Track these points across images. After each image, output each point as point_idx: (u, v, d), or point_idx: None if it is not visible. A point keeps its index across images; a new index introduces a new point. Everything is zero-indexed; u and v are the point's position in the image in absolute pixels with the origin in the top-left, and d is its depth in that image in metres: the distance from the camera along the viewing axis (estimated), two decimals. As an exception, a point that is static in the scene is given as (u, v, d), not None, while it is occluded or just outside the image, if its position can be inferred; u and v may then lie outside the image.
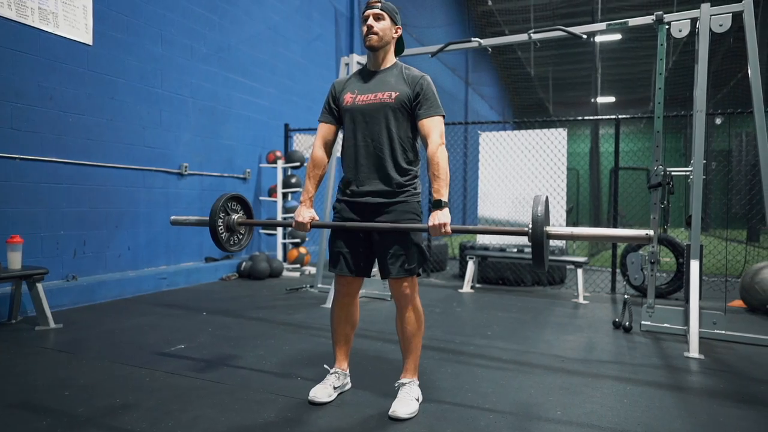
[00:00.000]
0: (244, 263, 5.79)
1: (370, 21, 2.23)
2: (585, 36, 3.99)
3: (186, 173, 5.43)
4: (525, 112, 20.74)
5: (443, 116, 2.22)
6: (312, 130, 6.77)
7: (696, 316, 3.25)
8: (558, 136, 5.34)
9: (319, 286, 5.05)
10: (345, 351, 2.44)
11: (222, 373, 2.66)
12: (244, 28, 6.29)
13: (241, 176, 6.28)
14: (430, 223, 2.06)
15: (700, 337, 3.23)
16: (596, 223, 12.14)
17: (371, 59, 2.32)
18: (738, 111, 5.00)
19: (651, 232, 1.83)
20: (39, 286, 3.52)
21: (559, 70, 16.29)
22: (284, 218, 6.20)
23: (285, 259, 6.27)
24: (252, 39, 6.42)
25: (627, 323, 3.71)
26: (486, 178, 5.62)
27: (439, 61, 11.36)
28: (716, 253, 6.52)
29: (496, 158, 5.64)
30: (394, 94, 2.20)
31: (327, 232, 3.54)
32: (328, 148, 2.37)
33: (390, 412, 2.14)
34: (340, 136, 2.41)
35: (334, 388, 2.35)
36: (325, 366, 2.47)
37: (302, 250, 6.26)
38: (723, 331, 3.47)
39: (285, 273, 6.06)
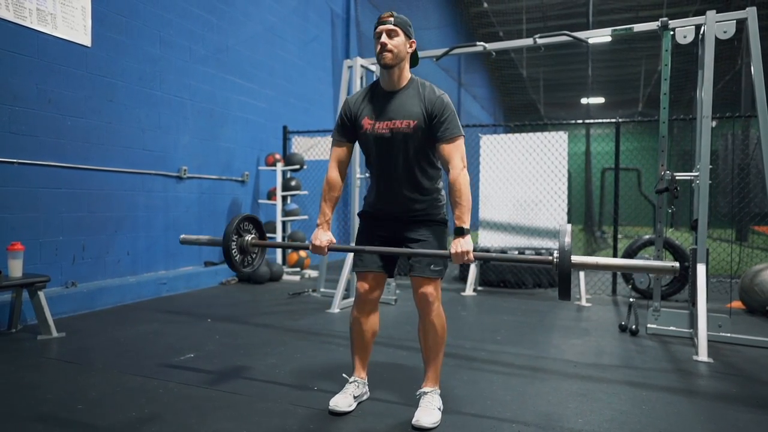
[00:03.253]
0: (243, 267, 5.72)
1: (383, 38, 2.13)
2: (589, 41, 4.01)
3: (185, 176, 5.36)
4: (516, 113, 20.84)
5: (463, 136, 2.19)
6: (310, 132, 6.73)
7: (704, 320, 3.28)
8: (559, 140, 5.37)
9: (322, 290, 5.02)
10: (364, 360, 2.42)
11: (236, 384, 2.62)
12: (242, 29, 6.24)
13: (240, 179, 6.22)
14: (453, 251, 2.05)
15: (707, 340, 3.26)
16: (588, 223, 12.23)
17: (385, 78, 2.21)
18: (736, 115, 5.06)
19: (677, 264, 1.85)
20: (41, 294, 3.45)
21: (550, 71, 16.39)
22: (284, 222, 6.16)
23: (285, 262, 6.22)
24: (250, 40, 6.36)
25: (633, 326, 3.73)
26: (487, 180, 5.63)
27: (432, 62, 11.38)
28: (715, 255, 6.59)
29: (497, 161, 5.65)
30: (412, 123, 2.15)
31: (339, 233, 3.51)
32: (343, 168, 2.32)
33: (414, 422, 2.13)
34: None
35: (354, 397, 2.33)
36: (344, 375, 2.45)
37: (302, 253, 6.22)
38: (729, 334, 3.51)
39: (285, 277, 6.01)
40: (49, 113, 4.08)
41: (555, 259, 1.91)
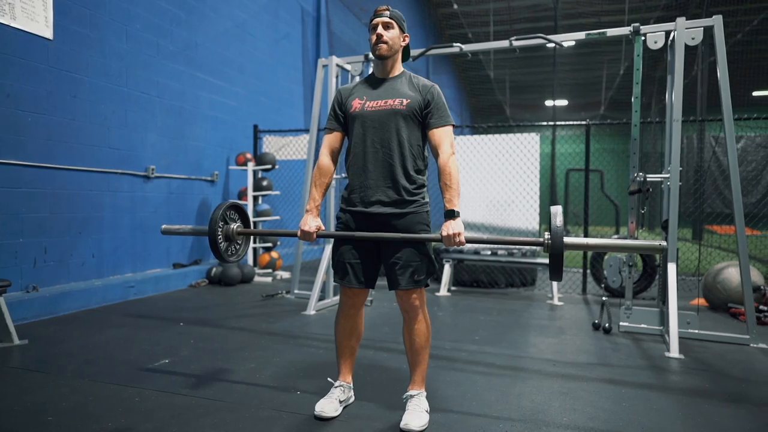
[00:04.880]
0: (214, 269, 5.59)
1: (380, 30, 2.19)
2: (563, 44, 4.09)
3: (153, 176, 5.18)
4: (482, 114, 21.12)
5: (453, 125, 2.21)
6: (282, 131, 6.63)
7: (675, 318, 3.38)
8: (531, 141, 5.46)
9: (296, 291, 4.94)
10: (350, 364, 2.39)
11: (216, 390, 2.54)
12: (212, 25, 6.08)
13: (209, 179, 6.06)
14: (444, 233, 2.04)
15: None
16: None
17: (379, 67, 2.27)
18: (700, 119, 5.25)
19: (664, 243, 1.89)
20: (0, 299, 3.26)
21: (516, 72, 16.66)
22: (255, 222, 6.04)
23: (256, 263, 6.10)
24: (219, 37, 6.21)
25: (607, 324, 3.82)
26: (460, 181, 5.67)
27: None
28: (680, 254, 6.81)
29: (471, 162, 5.69)
30: (405, 101, 2.17)
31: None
32: (335, 155, 2.32)
33: (402, 425, 2.11)
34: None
35: (340, 402, 2.29)
36: (329, 379, 2.41)
37: (274, 254, 6.11)
38: (697, 331, 3.64)
39: (257, 278, 5.89)
40: (8, 109, 3.87)
41: (547, 241, 1.93)
